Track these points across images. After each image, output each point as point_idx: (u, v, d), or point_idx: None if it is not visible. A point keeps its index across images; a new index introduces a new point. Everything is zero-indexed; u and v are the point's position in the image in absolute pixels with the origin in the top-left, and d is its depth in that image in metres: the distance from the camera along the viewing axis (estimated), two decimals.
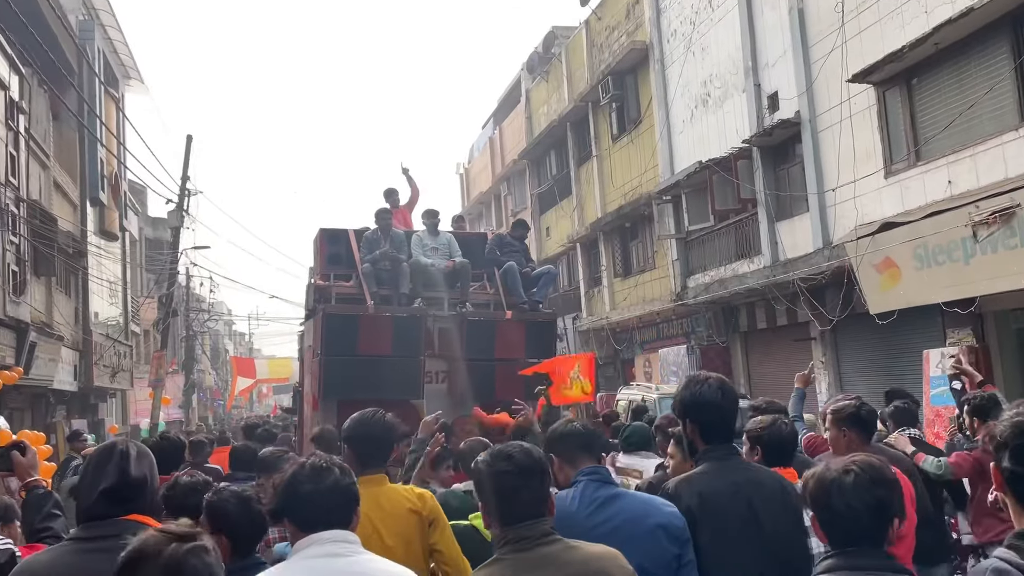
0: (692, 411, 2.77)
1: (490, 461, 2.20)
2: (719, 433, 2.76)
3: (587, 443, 2.77)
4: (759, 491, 2.68)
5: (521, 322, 8.37)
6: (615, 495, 2.60)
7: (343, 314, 7.97)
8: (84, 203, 18.47)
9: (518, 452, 2.21)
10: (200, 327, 34.13)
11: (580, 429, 2.82)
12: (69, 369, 17.17)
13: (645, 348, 19.51)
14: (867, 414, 3.61)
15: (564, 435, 2.79)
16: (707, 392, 2.75)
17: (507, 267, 8.65)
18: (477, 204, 30.88)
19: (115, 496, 2.16)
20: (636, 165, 18.01)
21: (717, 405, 2.74)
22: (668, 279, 16.87)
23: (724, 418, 2.76)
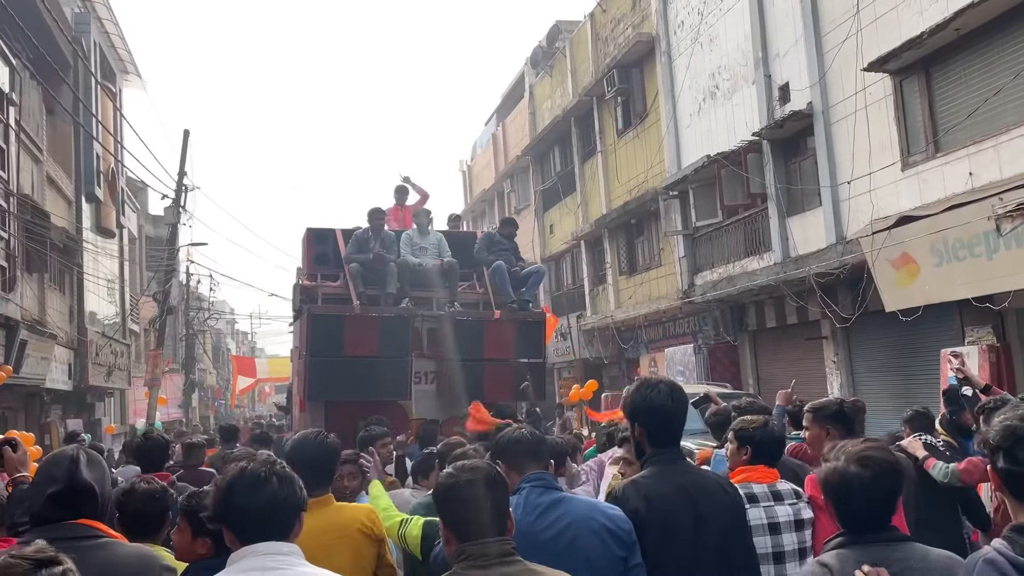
0: (641, 415, 2.77)
1: (452, 473, 2.20)
2: (666, 437, 2.76)
3: (534, 450, 2.78)
4: (703, 494, 2.70)
5: (511, 322, 8.24)
6: (558, 500, 2.59)
7: (329, 314, 7.83)
8: (79, 199, 18.15)
9: (480, 466, 2.22)
10: (200, 326, 33.78)
11: (527, 436, 2.83)
12: (63, 368, 16.84)
13: (651, 347, 19.13)
14: (850, 411, 3.56)
15: (511, 442, 2.80)
16: (656, 397, 2.75)
17: (496, 266, 8.52)
18: (480, 202, 30.52)
19: (63, 501, 2.17)
20: (642, 160, 17.63)
21: (666, 410, 2.74)
22: (675, 276, 16.49)
23: (672, 423, 2.77)
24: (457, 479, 2.17)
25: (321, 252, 8.63)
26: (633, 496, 2.66)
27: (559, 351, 23.14)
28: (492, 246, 9.05)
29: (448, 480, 2.20)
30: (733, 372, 15.68)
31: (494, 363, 8.08)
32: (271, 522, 2.02)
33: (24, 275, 14.09)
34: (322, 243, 8.67)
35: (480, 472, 2.19)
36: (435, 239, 8.81)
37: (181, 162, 18.29)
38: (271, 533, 2.00)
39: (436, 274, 8.39)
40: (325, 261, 8.57)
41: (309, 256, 8.66)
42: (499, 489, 2.19)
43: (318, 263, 8.58)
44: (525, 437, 2.81)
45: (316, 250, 8.64)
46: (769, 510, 3.06)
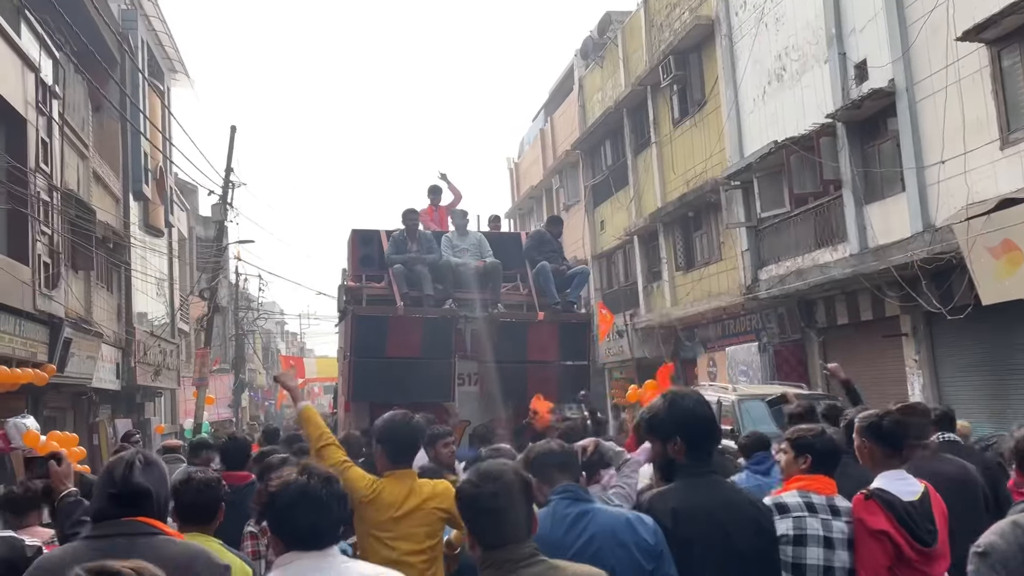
0: (683, 427, 2.70)
1: (476, 482, 2.18)
2: (705, 448, 2.74)
3: (564, 463, 2.77)
4: (733, 512, 2.65)
5: (554, 323, 8.15)
6: (585, 511, 2.57)
7: (372, 315, 7.85)
8: (127, 197, 18.00)
9: (505, 474, 2.19)
10: (250, 325, 33.79)
11: (557, 449, 2.83)
12: (110, 367, 16.67)
13: (709, 346, 18.26)
14: (889, 425, 3.34)
15: (541, 455, 2.80)
16: (696, 407, 2.73)
17: (539, 267, 8.43)
18: (528, 199, 29.87)
19: (121, 500, 2.30)
20: (700, 150, 16.78)
21: (708, 420, 2.74)
22: (737, 271, 15.61)
23: (711, 434, 2.78)
24: (480, 490, 2.15)
25: (366, 253, 8.59)
26: (660, 508, 2.63)
27: (612, 351, 22.37)
28: (542, 245, 8.89)
29: (471, 490, 2.17)
30: (800, 372, 14.74)
31: (537, 365, 7.93)
32: (315, 535, 2.13)
33: (69, 272, 13.88)
34: (367, 244, 8.63)
35: (502, 481, 2.15)
36: (475, 239, 8.72)
37: (228, 158, 18.05)
38: (315, 544, 2.12)
39: (479, 275, 8.28)
40: (370, 262, 8.53)
41: (354, 257, 8.62)
42: (522, 494, 2.16)
43: (363, 264, 8.54)
44: (555, 450, 2.80)
45: (361, 251, 8.60)
46: (826, 523, 2.93)
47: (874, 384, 12.38)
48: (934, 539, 2.94)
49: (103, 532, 2.26)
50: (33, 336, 11.51)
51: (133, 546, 2.09)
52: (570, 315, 8.50)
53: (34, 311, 11.43)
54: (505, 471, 2.21)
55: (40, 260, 11.73)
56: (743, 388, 10.89)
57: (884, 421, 3.32)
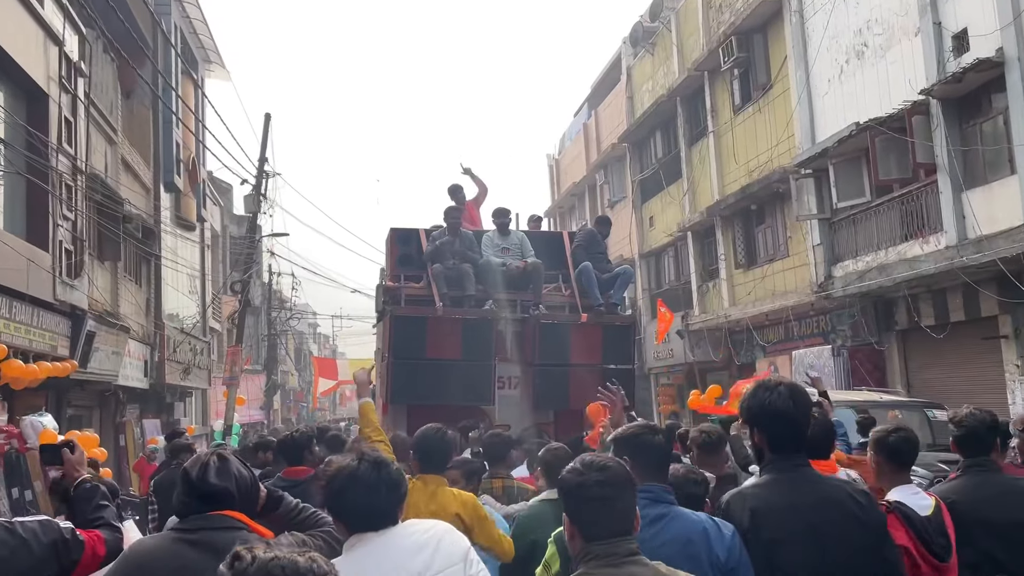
0: (760, 419, 2.53)
1: (581, 471, 2.12)
2: (788, 442, 2.52)
3: (660, 463, 2.68)
4: (828, 506, 2.41)
5: (598, 325, 7.97)
6: (662, 515, 2.45)
7: (411, 316, 7.73)
8: (157, 187, 17.28)
9: (610, 464, 2.14)
10: (283, 325, 33.12)
11: (663, 446, 2.75)
12: (138, 364, 15.92)
13: (769, 350, 17.02)
14: (896, 441, 3.26)
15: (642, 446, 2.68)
16: (777, 400, 2.50)
17: (582, 267, 8.25)
18: (569, 196, 28.80)
19: (205, 498, 2.34)
20: (764, 138, 15.59)
21: (788, 413, 2.50)
22: (807, 268, 14.39)
23: (794, 428, 2.52)
24: (586, 478, 2.09)
25: (405, 253, 8.44)
26: (738, 509, 2.45)
27: (659, 355, 21.20)
28: (592, 245, 8.66)
29: (577, 478, 2.11)
30: (877, 378, 13.47)
31: (580, 368, 7.70)
32: (370, 516, 2.29)
33: (95, 262, 13.13)
34: (406, 243, 8.48)
35: (610, 471, 2.10)
36: (517, 239, 8.52)
37: (262, 147, 17.26)
38: (373, 525, 2.28)
39: (520, 275, 8.10)
40: (408, 262, 8.38)
41: (393, 257, 8.49)
42: (628, 488, 2.11)
43: (401, 264, 8.40)
44: (661, 447, 2.72)
45: (400, 250, 8.46)
46: None
47: (965, 393, 11.10)
48: (948, 554, 2.85)
49: (193, 526, 2.30)
50: (53, 328, 10.72)
51: (217, 537, 2.20)
52: (614, 317, 8.29)
53: (54, 301, 10.64)
54: (611, 462, 2.15)
55: (62, 247, 10.94)
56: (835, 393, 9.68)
57: (891, 437, 3.26)
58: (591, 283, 8.17)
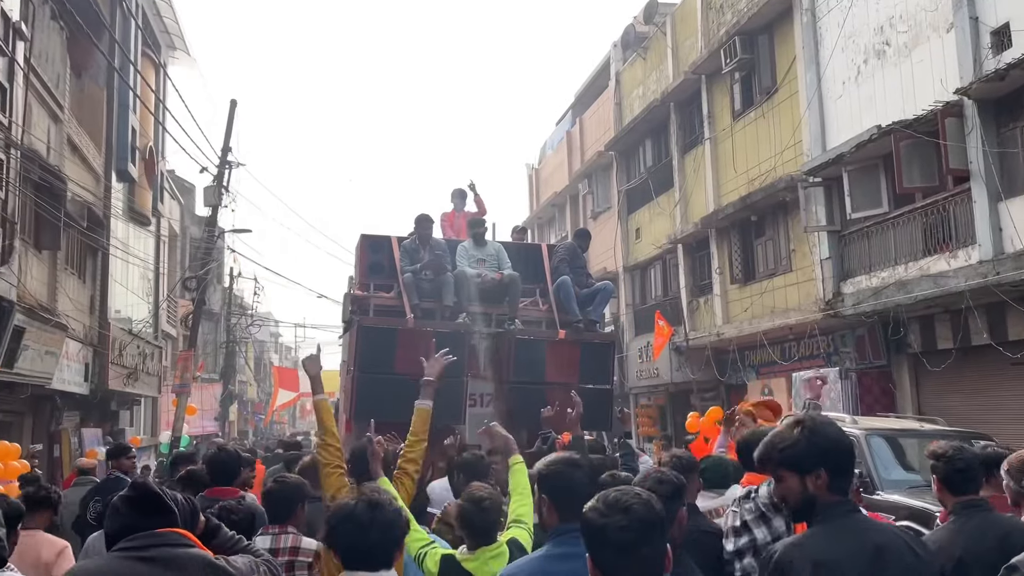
0: (825, 458, 2.25)
1: (604, 512, 1.95)
2: (846, 482, 2.32)
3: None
4: (888, 557, 2.17)
5: (576, 343, 7.67)
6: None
7: (380, 327, 7.37)
8: (109, 175, 15.82)
9: (635, 504, 1.94)
10: (242, 333, 31.48)
11: (578, 479, 2.71)
12: (77, 367, 14.38)
13: (762, 371, 16.04)
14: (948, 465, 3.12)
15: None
16: (840, 435, 2.32)
17: (560, 281, 7.94)
18: (549, 207, 27.76)
19: (152, 515, 2.28)
20: (768, 144, 14.67)
21: (850, 449, 2.34)
22: (812, 283, 13.42)
23: (852, 465, 2.35)
24: (609, 520, 1.91)
25: (375, 261, 8.08)
26: (799, 562, 2.15)
27: (641, 374, 20.13)
28: (575, 260, 8.34)
29: (600, 520, 1.94)
30: (885, 404, 12.52)
31: (557, 387, 7.22)
32: (360, 556, 2.33)
33: (29, 250, 11.67)
34: (377, 251, 8.13)
35: (634, 513, 1.90)
36: (493, 250, 8.20)
37: (226, 135, 15.90)
38: (363, 564, 2.32)
39: (496, 288, 7.78)
40: (379, 270, 8.05)
41: (363, 264, 8.10)
42: (656, 530, 1.92)
43: (372, 272, 8.04)
44: (582, 484, 2.63)
45: (370, 258, 8.09)
46: None
47: (985, 422, 10.19)
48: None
49: (139, 543, 2.26)
50: None
51: (173, 554, 2.23)
52: (593, 334, 7.96)
53: None
54: (636, 501, 1.94)
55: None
56: (866, 420, 8.64)
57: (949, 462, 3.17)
58: (570, 298, 7.84)
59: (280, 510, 3.83)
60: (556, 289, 8.03)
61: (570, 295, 7.91)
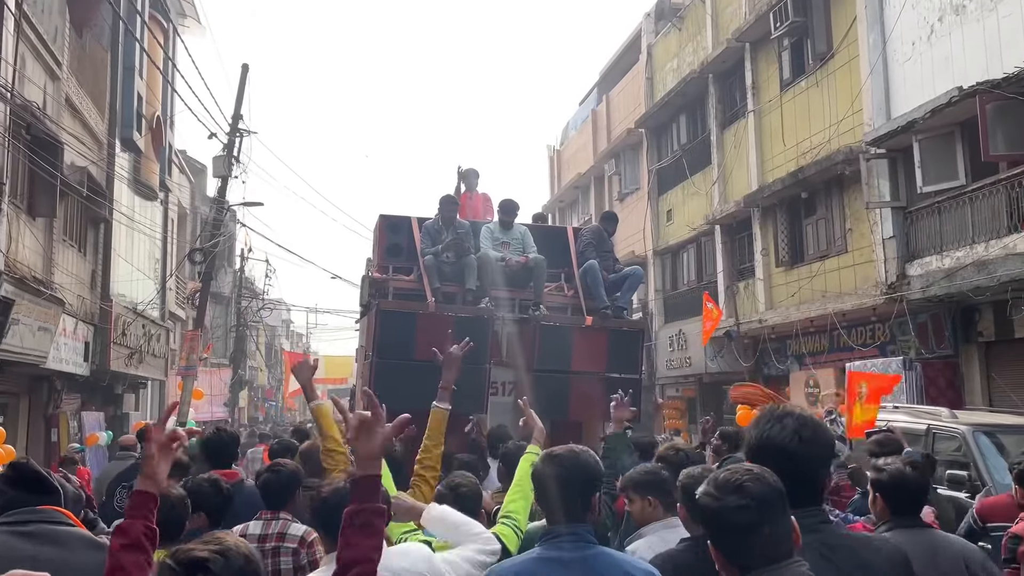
0: (763, 458, 1.98)
1: (716, 495, 1.81)
2: (799, 493, 1.93)
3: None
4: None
5: (603, 330, 7.40)
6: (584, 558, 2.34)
7: (399, 311, 7.13)
8: (113, 142, 14.85)
9: (748, 482, 1.78)
10: (253, 316, 30.58)
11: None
12: (76, 346, 13.45)
13: (807, 361, 14.96)
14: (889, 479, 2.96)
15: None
16: (780, 434, 2.00)
17: (587, 266, 7.68)
18: (572, 189, 26.68)
19: (37, 492, 2.31)
20: (821, 116, 13.54)
21: (792, 453, 1.98)
22: (872, 265, 12.32)
23: (804, 471, 1.99)
24: (723, 503, 1.76)
25: (394, 242, 7.77)
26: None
27: (672, 363, 19.10)
28: (601, 244, 8.05)
29: (714, 504, 1.79)
30: (951, 397, 11.43)
31: (582, 376, 7.22)
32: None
33: (21, 216, 10.72)
34: (396, 232, 7.83)
35: (748, 491, 1.75)
36: (519, 233, 7.86)
37: (237, 101, 14.90)
38: None
39: (521, 272, 7.49)
40: (398, 252, 7.77)
41: (381, 246, 7.81)
42: (777, 506, 1.75)
43: (390, 255, 7.76)
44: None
45: (389, 239, 7.78)
46: None
47: None
48: None
49: (19, 519, 2.25)
50: None
51: (54, 531, 2.25)
52: (621, 321, 7.70)
53: None
54: (749, 479, 1.77)
55: None
56: (965, 414, 7.57)
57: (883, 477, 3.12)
58: (597, 283, 7.56)
59: (274, 497, 3.83)
60: (583, 274, 7.76)
61: (597, 280, 7.63)
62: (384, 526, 1.98)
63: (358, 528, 1.86)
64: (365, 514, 1.87)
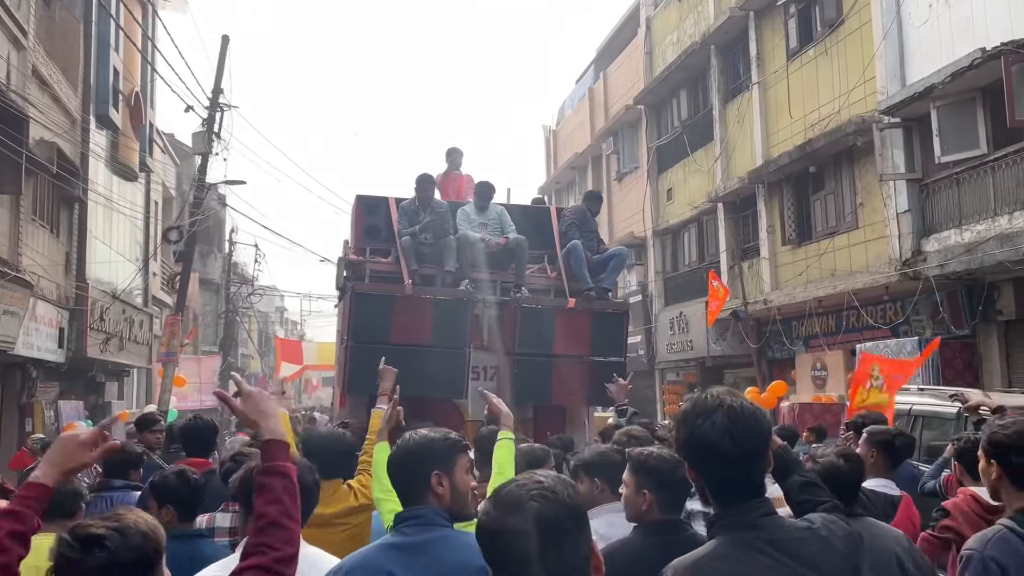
0: (694, 457, 1.87)
1: (494, 514, 1.61)
2: (736, 489, 1.83)
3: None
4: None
5: (587, 312, 7.28)
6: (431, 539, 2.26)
7: (375, 294, 6.99)
8: (87, 119, 14.15)
9: (539, 499, 1.56)
10: (243, 302, 29.94)
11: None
12: (50, 332, 12.82)
13: (813, 345, 14.41)
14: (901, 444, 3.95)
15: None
16: (710, 432, 1.81)
17: (570, 247, 7.53)
18: (569, 170, 26.03)
19: None
20: (831, 85, 12.91)
21: (725, 452, 1.79)
22: (885, 241, 11.73)
23: (738, 468, 1.82)
24: (503, 527, 1.56)
25: (371, 223, 7.65)
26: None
27: (672, 347, 18.52)
28: (584, 223, 7.86)
29: (491, 524, 1.61)
30: (968, 379, 10.88)
31: (565, 360, 7.12)
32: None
33: None
34: (373, 213, 7.71)
35: (533, 513, 1.56)
36: (495, 213, 7.72)
37: (217, 76, 14.18)
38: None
39: (501, 253, 7.40)
40: (376, 234, 7.63)
41: (358, 227, 7.69)
42: (571, 527, 1.57)
43: (368, 236, 7.62)
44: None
45: (366, 221, 7.67)
46: None
47: None
48: None
49: None
50: None
51: None
52: (605, 303, 7.56)
53: None
54: (537, 494, 1.55)
55: None
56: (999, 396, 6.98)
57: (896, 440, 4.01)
58: (580, 264, 7.35)
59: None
60: (566, 255, 7.56)
61: (581, 261, 7.43)
62: (292, 491, 1.93)
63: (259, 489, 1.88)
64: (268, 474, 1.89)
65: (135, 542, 1.71)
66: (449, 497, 2.25)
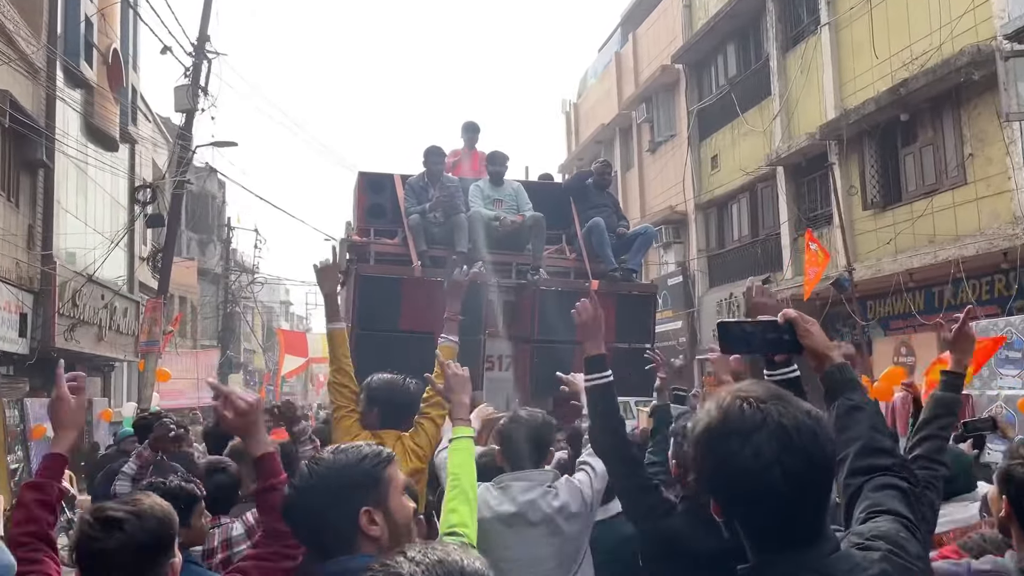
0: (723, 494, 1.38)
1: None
2: (786, 535, 1.34)
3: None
4: None
5: (611, 295, 6.74)
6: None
7: (381, 277, 6.57)
8: (53, 72, 12.21)
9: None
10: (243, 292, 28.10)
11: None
12: (9, 319, 10.95)
13: (893, 327, 12.44)
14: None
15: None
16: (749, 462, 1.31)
17: (592, 224, 7.12)
18: (592, 144, 24.02)
19: None
20: (925, 17, 10.90)
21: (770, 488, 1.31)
22: (1004, 198, 9.73)
23: (791, 509, 1.33)
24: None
25: (376, 202, 7.19)
26: None
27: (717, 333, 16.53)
28: (586, 198, 7.42)
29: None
30: None
31: None
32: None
33: None
34: (378, 192, 7.24)
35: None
36: (511, 189, 7.28)
37: (203, 24, 12.23)
38: None
39: (517, 232, 6.96)
40: (381, 214, 7.17)
41: (361, 207, 7.23)
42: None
43: (372, 216, 7.15)
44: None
45: (370, 200, 7.19)
46: None
47: None
48: None
49: None
50: None
51: None
52: (632, 285, 7.25)
53: None
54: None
55: None
56: None
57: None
58: (603, 244, 7.10)
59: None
60: (586, 233, 7.25)
61: (603, 240, 7.11)
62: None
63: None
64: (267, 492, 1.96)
65: (151, 525, 1.87)
66: (387, 536, 1.67)
